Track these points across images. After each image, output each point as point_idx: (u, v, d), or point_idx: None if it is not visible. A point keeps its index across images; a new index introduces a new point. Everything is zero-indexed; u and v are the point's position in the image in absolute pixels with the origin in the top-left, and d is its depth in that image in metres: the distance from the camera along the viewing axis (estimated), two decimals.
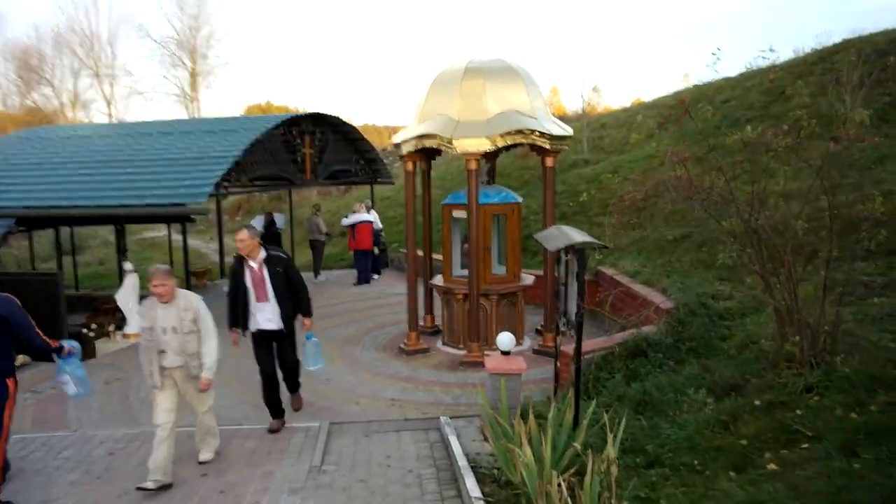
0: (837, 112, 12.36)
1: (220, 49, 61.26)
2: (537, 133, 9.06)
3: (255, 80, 72.59)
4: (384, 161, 18.45)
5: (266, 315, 6.68)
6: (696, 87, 23.02)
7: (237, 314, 6.71)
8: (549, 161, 9.56)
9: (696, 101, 20.25)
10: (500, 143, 8.95)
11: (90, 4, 51.58)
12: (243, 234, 6.52)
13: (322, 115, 14.01)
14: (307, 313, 6.91)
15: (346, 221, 15.02)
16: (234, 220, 30.55)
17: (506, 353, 6.70)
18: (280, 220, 17.41)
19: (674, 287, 9.61)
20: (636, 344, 7.77)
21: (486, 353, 9.38)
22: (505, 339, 6.67)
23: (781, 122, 7.30)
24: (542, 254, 14.18)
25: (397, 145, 9.75)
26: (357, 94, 77.18)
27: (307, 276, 16.53)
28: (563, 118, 32.12)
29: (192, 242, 26.62)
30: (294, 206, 25.24)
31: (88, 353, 9.73)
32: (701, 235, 11.44)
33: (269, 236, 15.40)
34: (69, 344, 5.85)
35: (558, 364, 7.05)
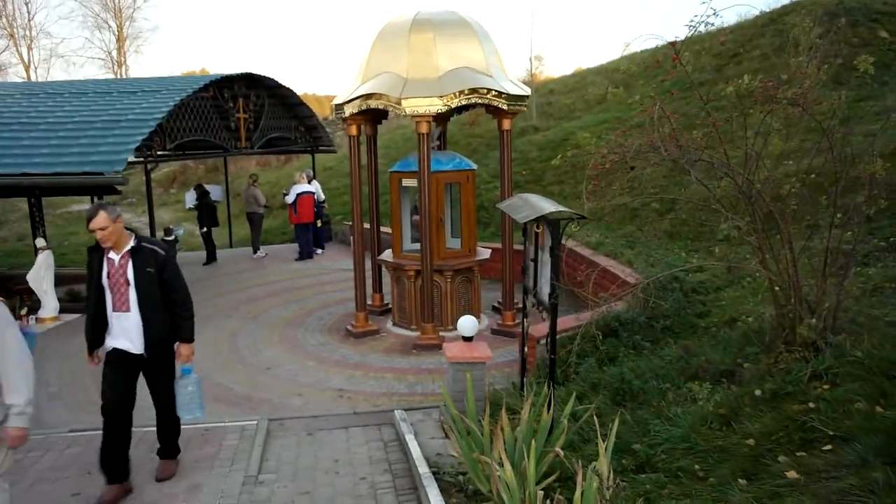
0: (795, 72, 11.91)
1: (149, 11, 57.54)
2: (494, 92, 8.19)
3: (189, 46, 69.04)
4: (326, 129, 17.32)
5: (125, 330, 4.65)
6: (640, 52, 22.50)
7: (91, 329, 4.71)
8: (506, 123, 8.73)
9: (646, 67, 19.72)
10: (454, 103, 8.06)
11: None
12: (100, 219, 4.45)
13: (256, 76, 12.81)
14: (186, 337, 4.84)
15: (288, 198, 13.91)
16: (169, 193, 28.81)
17: (468, 339, 5.89)
18: (217, 192, 16.15)
19: (639, 260, 8.98)
20: (607, 323, 7.08)
21: (441, 334, 8.61)
22: (467, 324, 5.86)
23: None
24: (498, 225, 13.55)
25: (339, 107, 8.74)
26: (297, 61, 74.32)
27: (245, 251, 15.71)
28: None
29: (126, 215, 24.94)
30: (231, 178, 23.90)
31: None
32: (664, 204, 10.89)
33: (204, 210, 14.25)
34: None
35: (525, 349, 6.28)
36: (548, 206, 5.25)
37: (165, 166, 32.28)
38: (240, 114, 12.46)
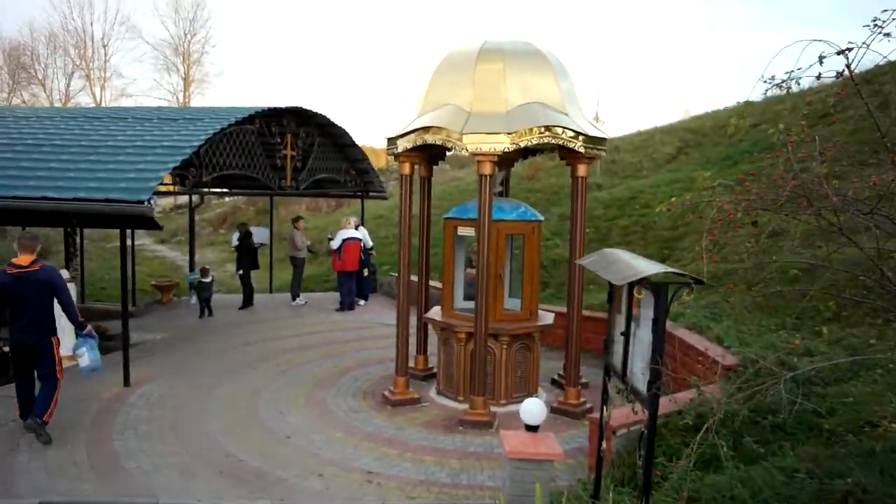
0: None
1: (215, 56, 58.67)
2: (570, 132, 7.06)
3: (252, 92, 70.66)
4: (379, 176, 16.50)
5: None
6: (712, 113, 21.31)
7: None
8: (582, 169, 7.58)
9: (720, 127, 18.51)
10: (523, 142, 6.95)
11: (85, 3, 49.27)
12: None
13: (307, 111, 12.01)
14: None
15: (333, 244, 13.04)
16: (218, 233, 28.45)
17: (532, 429, 4.60)
18: (262, 234, 15.40)
19: (729, 336, 7.58)
20: (699, 414, 5.68)
21: (492, 409, 7.33)
22: (533, 409, 4.61)
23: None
24: (558, 286, 12.33)
25: (392, 141, 7.74)
26: (359, 112, 75.30)
27: (284, 297, 14.84)
28: None
29: (170, 254, 24.62)
30: (280, 221, 23.36)
31: None
32: (752, 272, 9.48)
33: (244, 251, 13.38)
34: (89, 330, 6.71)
35: (603, 445, 4.94)
36: (649, 265, 4.00)
37: (217, 206, 32.24)
38: (287, 150, 11.64)
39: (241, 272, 13.44)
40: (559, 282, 12.11)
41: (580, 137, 7.14)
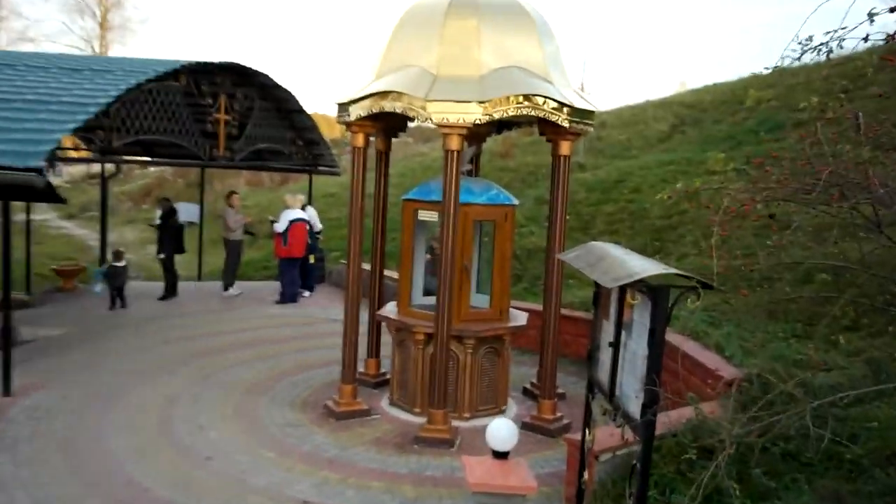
0: None
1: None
2: (554, 103, 6.76)
3: (183, 45, 68.75)
4: (331, 149, 16.07)
5: None
6: (711, 86, 21.26)
7: None
8: (565, 147, 7.30)
9: (721, 102, 18.46)
10: (497, 114, 6.62)
11: None
12: None
13: (246, 69, 11.53)
14: None
15: (279, 226, 12.64)
16: (140, 209, 27.61)
17: (501, 456, 4.32)
18: (190, 212, 14.88)
19: (732, 344, 7.40)
20: (697, 436, 5.46)
21: (454, 425, 7.06)
22: (503, 433, 4.33)
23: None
24: (532, 279, 12.09)
25: (343, 106, 7.35)
26: (310, 77, 74.03)
27: (215, 286, 14.33)
28: None
29: (79, 231, 23.77)
30: (216, 196, 22.71)
31: None
32: (763, 272, 9.33)
33: (168, 231, 12.86)
34: None
35: (585, 475, 4.69)
36: (646, 264, 3.73)
37: (140, 177, 31.31)
38: (220, 114, 11.16)
39: (162, 256, 12.94)
40: (534, 275, 11.91)
41: (565, 109, 6.84)
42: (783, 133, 14.56)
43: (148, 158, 12.29)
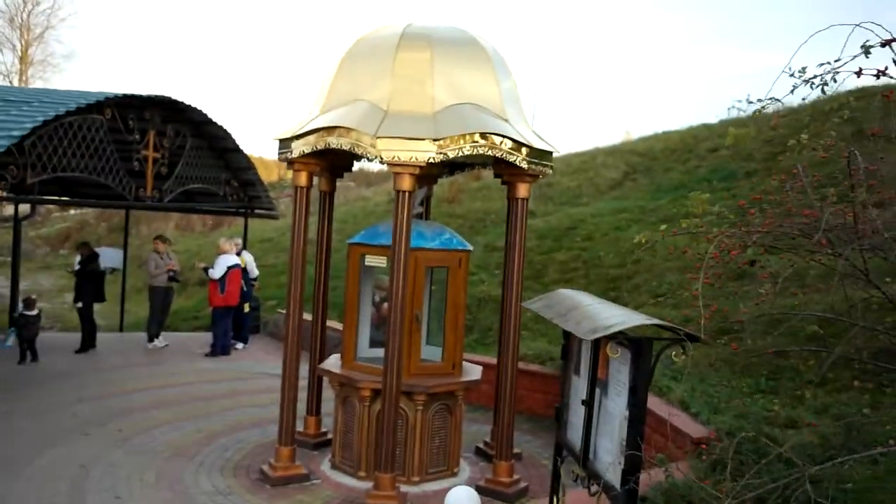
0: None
1: (64, 32, 55.13)
2: (511, 143, 6.63)
3: (112, 81, 67.57)
4: (266, 189, 15.73)
5: None
6: (662, 134, 21.69)
7: None
8: (523, 189, 7.16)
9: (672, 150, 18.82)
10: (452, 152, 6.45)
11: None
12: None
13: (178, 103, 11.18)
14: None
15: (215, 273, 12.21)
16: (58, 254, 26.60)
17: None
18: (112, 257, 14.37)
19: (697, 401, 7.27)
20: (668, 500, 5.25)
21: (403, 490, 6.71)
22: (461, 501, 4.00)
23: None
24: (483, 331, 11.87)
25: (285, 143, 7.08)
26: (246, 117, 73.57)
27: (138, 338, 13.73)
28: None
29: None
30: (142, 241, 22.06)
31: None
32: (715, 319, 9.29)
33: (87, 278, 12.25)
34: None
35: None
36: (625, 315, 3.53)
37: (59, 221, 30.26)
38: (148, 151, 10.76)
39: (80, 304, 12.31)
40: (484, 325, 11.78)
41: (523, 150, 6.72)
42: (735, 182, 14.89)
43: (67, 199, 11.77)
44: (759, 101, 3.79)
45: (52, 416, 8.68)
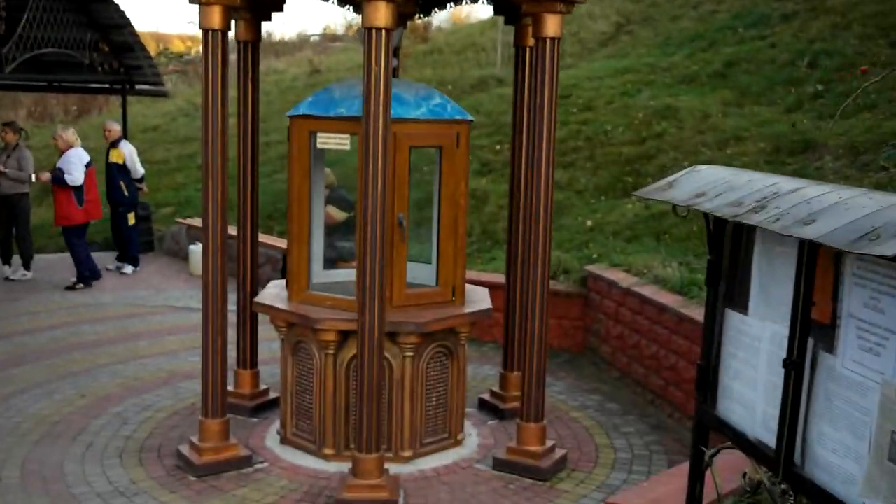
0: None
1: None
2: None
3: None
4: (150, 59, 14.37)
5: None
6: None
7: None
8: (552, 25, 5.85)
9: None
10: None
11: None
12: None
13: None
14: None
15: (73, 178, 11.10)
16: None
17: None
18: None
19: None
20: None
21: (392, 472, 5.66)
22: None
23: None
24: (491, 236, 10.99)
25: None
26: None
27: None
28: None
29: None
30: None
31: None
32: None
33: None
34: None
35: None
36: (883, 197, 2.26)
37: None
38: None
39: None
40: (484, 230, 11.03)
41: None
42: (769, 27, 14.18)
43: None
44: None
45: None
